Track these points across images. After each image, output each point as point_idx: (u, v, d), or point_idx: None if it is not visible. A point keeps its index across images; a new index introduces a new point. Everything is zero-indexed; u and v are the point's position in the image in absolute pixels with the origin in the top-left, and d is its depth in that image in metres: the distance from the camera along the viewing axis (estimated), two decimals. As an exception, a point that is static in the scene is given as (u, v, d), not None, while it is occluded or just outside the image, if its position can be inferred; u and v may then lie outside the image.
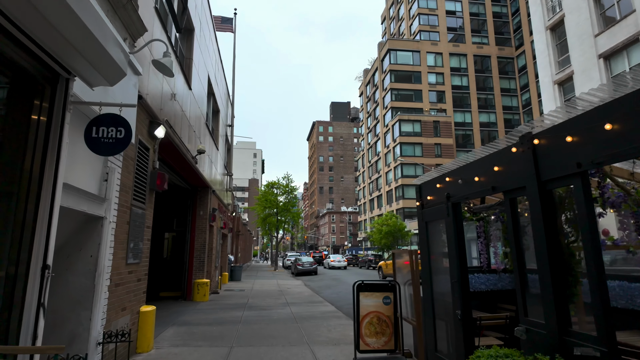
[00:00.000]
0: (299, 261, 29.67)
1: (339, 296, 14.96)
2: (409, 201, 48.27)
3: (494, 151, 4.09)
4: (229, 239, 20.58)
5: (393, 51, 54.95)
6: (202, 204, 13.09)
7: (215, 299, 13.02)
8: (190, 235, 12.86)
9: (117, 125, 3.28)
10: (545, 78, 23.92)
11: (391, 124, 52.45)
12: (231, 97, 19.39)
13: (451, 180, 4.86)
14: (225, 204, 18.59)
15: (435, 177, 5.31)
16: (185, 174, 10.72)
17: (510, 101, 56.22)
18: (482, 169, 4.24)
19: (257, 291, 16.13)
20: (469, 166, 4.52)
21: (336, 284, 20.40)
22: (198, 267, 12.73)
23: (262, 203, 37.21)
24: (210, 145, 12.80)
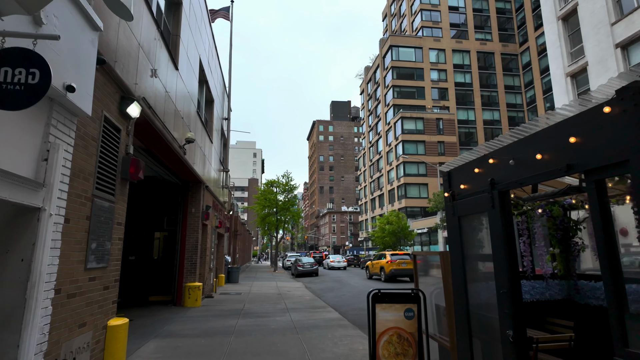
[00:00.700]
0: (300, 262, 28.61)
1: (342, 300, 13.89)
2: (412, 200, 47.24)
3: (569, 115, 2.98)
4: (225, 239, 19.52)
5: (395, 47, 53.89)
6: (194, 201, 12.02)
7: (209, 304, 11.94)
8: (181, 234, 11.79)
9: (28, 65, 2.22)
10: (557, 70, 22.85)
11: (393, 122, 51.39)
12: (227, 89, 18.33)
13: (497, 162, 3.78)
14: (222, 201, 17.52)
15: (472, 160, 4.23)
16: (173, 166, 9.65)
17: (514, 98, 55.18)
18: (549, 142, 3.14)
19: (255, 295, 15.06)
20: (526, 141, 3.43)
21: (339, 287, 19.33)
22: (189, 269, 11.66)
23: (261, 202, 36.15)
24: (202, 137, 11.73)
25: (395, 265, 21.20)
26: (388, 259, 21.77)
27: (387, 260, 21.78)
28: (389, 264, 21.42)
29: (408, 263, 20.82)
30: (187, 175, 10.92)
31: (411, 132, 49.15)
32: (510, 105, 54.74)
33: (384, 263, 22.01)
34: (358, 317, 10.27)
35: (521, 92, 55.18)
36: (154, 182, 12.77)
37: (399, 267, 21.11)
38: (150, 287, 13.06)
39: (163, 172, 10.90)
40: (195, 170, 10.50)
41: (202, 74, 11.78)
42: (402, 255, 22.02)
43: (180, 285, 11.55)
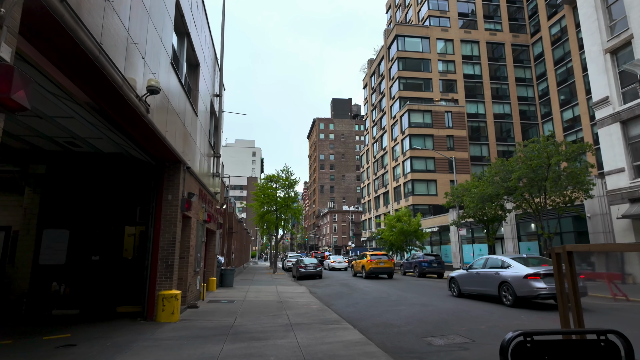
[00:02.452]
0: (301, 263, 25.99)
1: (358, 311, 11.25)
2: (420, 197, 44.60)
3: None
4: (217, 236, 16.91)
5: (401, 37, 51.30)
6: (170, 185, 9.39)
7: (190, 318, 9.30)
8: (154, 228, 9.15)
9: None
10: (593, 47, 20.23)
11: (399, 115, 48.77)
12: (219, 62, 15.71)
13: None
14: (212, 192, 14.89)
15: None
16: (136, 132, 7.00)
17: (525, 91, 52.59)
18: None
19: (251, 303, 12.42)
20: None
21: (348, 292, 16.69)
22: (164, 273, 9.02)
23: (259, 198, 33.51)
24: (181, 101, 9.08)
25: (374, 264, 24.01)
26: (368, 259, 24.58)
27: (367, 260, 24.58)
28: (369, 262, 24.20)
29: (385, 262, 24.30)
30: (159, 149, 8.28)
31: (418, 125, 46.53)
32: (522, 99, 52.14)
33: (365, 262, 24.74)
34: (386, 337, 7.65)
35: (533, 85, 52.57)
36: (121, 161, 10.12)
37: (377, 266, 24.00)
38: (119, 295, 10.43)
39: (127, 144, 8.26)
40: (169, 142, 7.86)
41: (180, 19, 9.15)
42: (380, 255, 24.99)
43: (152, 294, 8.90)
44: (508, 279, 11.46)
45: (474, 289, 13.26)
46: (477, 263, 13.74)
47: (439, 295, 14.77)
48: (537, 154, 17.61)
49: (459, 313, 10.40)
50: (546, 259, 12.86)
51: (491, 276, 12.29)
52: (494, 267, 12.57)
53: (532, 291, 10.76)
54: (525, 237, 25.75)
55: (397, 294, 15.16)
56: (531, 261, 12.00)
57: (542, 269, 11.07)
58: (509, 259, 12.24)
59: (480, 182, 21.85)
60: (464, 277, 13.90)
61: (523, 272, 11.18)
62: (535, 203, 18.96)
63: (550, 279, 10.69)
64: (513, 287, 11.23)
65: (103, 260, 10.55)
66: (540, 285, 10.67)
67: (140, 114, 6.26)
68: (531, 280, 10.87)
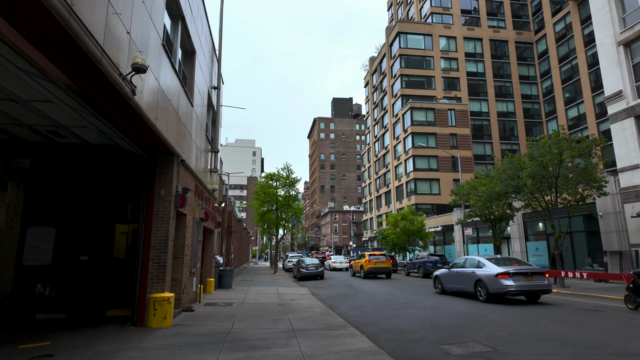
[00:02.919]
0: (303, 263, 25.28)
1: (365, 315, 10.55)
2: (423, 197, 43.87)
3: None
4: (215, 235, 16.20)
5: (403, 34, 50.61)
6: (163, 180, 8.69)
7: (184, 323, 8.60)
8: (145, 226, 8.45)
9: None
10: (606, 39, 19.52)
11: (401, 113, 48.07)
12: (217, 53, 15.01)
13: None
14: (210, 189, 14.19)
15: None
16: (121, 117, 6.30)
17: (529, 89, 51.88)
18: None
19: (250, 306, 11.72)
20: None
21: (352, 293, 15.99)
22: (156, 274, 8.32)
23: (259, 197, 32.80)
24: (174, 86, 8.37)
25: (372, 264, 24.05)
26: (367, 259, 24.57)
27: (365, 260, 24.58)
28: (367, 262, 24.25)
29: (383, 262, 24.28)
30: (149, 140, 7.58)
31: (421, 123, 45.83)
32: (526, 97, 51.44)
33: (363, 262, 24.76)
34: (398, 345, 6.96)
35: (537, 83, 51.86)
36: (110, 154, 9.43)
37: (376, 266, 24.04)
38: (109, 298, 9.74)
39: (115, 134, 7.56)
40: (159, 130, 7.16)
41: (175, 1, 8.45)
42: (378, 256, 25.04)
43: (142, 297, 8.20)
44: (482, 278, 12.52)
45: (454, 287, 14.28)
46: (458, 263, 14.65)
47: (449, 298, 14.06)
48: (549, 150, 16.88)
49: (474, 317, 9.69)
50: (517, 259, 13.49)
51: (468, 275, 13.28)
52: (472, 266, 13.51)
53: (502, 288, 11.80)
54: (532, 237, 25.05)
55: (404, 296, 14.46)
56: (503, 262, 12.91)
57: (512, 269, 12.01)
58: (484, 260, 13.17)
59: (487, 179, 21.12)
60: (446, 276, 14.85)
61: (495, 271, 12.19)
62: (545, 201, 18.26)
63: (518, 277, 11.80)
64: (486, 285, 12.29)
65: (92, 261, 9.85)
66: (509, 283, 11.73)
67: (125, 97, 5.56)
68: (501, 278, 11.91)
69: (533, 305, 11.90)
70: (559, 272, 16.07)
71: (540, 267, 22.54)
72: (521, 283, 11.71)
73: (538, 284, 11.90)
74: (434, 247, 37.31)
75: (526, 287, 11.78)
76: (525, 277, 11.87)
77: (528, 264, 13.26)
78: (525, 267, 12.26)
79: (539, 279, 11.98)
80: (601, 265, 19.95)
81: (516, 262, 12.97)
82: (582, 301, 12.79)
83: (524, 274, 11.90)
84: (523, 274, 11.88)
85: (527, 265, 12.67)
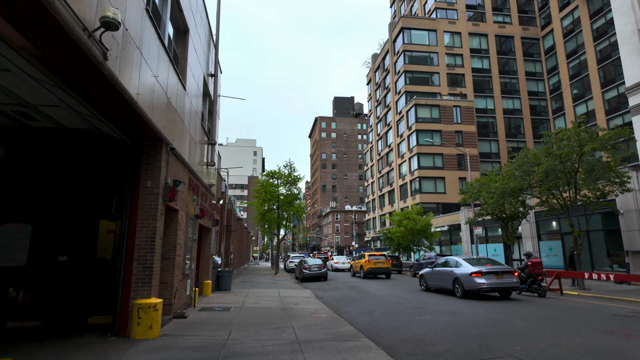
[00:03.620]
0: (305, 264, 24.23)
1: (376, 320, 9.50)
2: (428, 195, 42.77)
3: None
4: (213, 234, 15.16)
5: (407, 30, 49.55)
6: (150, 169, 7.65)
7: (174, 333, 7.55)
8: (129, 222, 7.41)
9: None
10: (626, 27, 18.43)
11: (405, 110, 47.00)
12: (215, 38, 13.99)
13: None
14: (206, 184, 13.16)
15: None
16: (93, 88, 5.25)
17: (536, 86, 50.77)
18: None
19: (249, 311, 10.67)
20: None
21: (360, 296, 14.92)
22: (141, 276, 7.28)
23: (260, 195, 31.73)
24: (161, 61, 7.31)
25: (372, 265, 24.05)
26: (366, 259, 24.54)
27: (365, 260, 24.56)
28: (367, 262, 24.22)
29: (383, 262, 24.33)
30: (132, 121, 6.55)
31: (426, 120, 44.75)
32: (532, 93, 50.32)
33: (363, 262, 24.74)
34: (422, 359, 5.89)
35: (543, 79, 50.75)
36: (92, 141, 8.39)
37: (375, 266, 24.07)
38: (91, 303, 8.70)
39: (91, 115, 6.52)
40: (141, 108, 6.12)
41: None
42: (377, 256, 25.01)
43: (125, 304, 7.16)
44: (459, 276, 13.68)
45: (436, 284, 15.47)
46: (439, 262, 15.89)
47: (465, 302, 12.99)
48: (568, 143, 15.80)
49: (500, 325, 8.63)
50: (492, 259, 14.70)
51: (448, 273, 14.51)
52: (451, 266, 14.75)
53: (475, 285, 13.00)
54: (545, 236, 23.96)
55: (415, 300, 13.39)
56: (478, 262, 14.21)
57: (484, 268, 13.26)
58: (461, 260, 14.46)
59: (500, 176, 20.02)
60: (429, 274, 16.11)
61: (469, 270, 13.43)
62: (563, 198, 17.18)
63: (490, 276, 13.01)
64: (462, 283, 13.47)
65: (72, 261, 8.82)
66: (482, 281, 12.94)
67: (94, 61, 4.52)
68: (474, 277, 13.11)
69: (563, 309, 10.84)
70: (580, 273, 14.98)
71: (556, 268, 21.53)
72: (492, 281, 12.93)
73: (507, 281, 13.12)
74: (439, 247, 36.22)
75: (496, 284, 12.99)
76: (496, 275, 13.09)
77: (500, 264, 14.69)
78: (497, 267, 13.50)
79: (509, 277, 13.22)
80: (622, 265, 18.86)
81: (490, 262, 14.27)
82: (612, 305, 11.71)
83: (495, 272, 13.12)
84: (494, 273, 13.11)
85: (499, 265, 14.04)
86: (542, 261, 15.22)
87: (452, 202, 42.02)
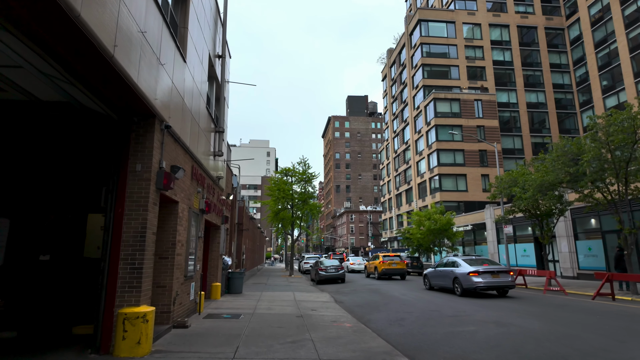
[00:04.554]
0: (321, 265, 22.83)
1: (410, 332, 8.00)
2: (448, 194, 40.83)
3: None
4: (222, 232, 13.87)
5: (424, 22, 47.72)
6: (140, 150, 6.35)
7: (168, 349, 6.22)
8: (115, 213, 6.13)
9: None
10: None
11: (423, 105, 45.16)
12: (222, 16, 12.71)
13: None
14: (213, 177, 11.87)
15: None
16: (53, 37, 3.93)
17: (561, 78, 48.28)
18: None
19: (261, 318, 9.30)
20: None
21: (384, 301, 13.40)
22: (128, 279, 5.98)
23: (273, 193, 30.45)
24: (150, 17, 5.96)
25: (387, 266, 23.63)
26: (380, 260, 24.14)
27: (379, 261, 24.16)
28: (381, 264, 23.82)
29: (398, 263, 23.91)
30: (113, 86, 5.24)
31: (445, 115, 42.83)
32: (557, 86, 47.85)
33: (377, 263, 24.30)
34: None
35: (569, 71, 48.24)
36: (74, 118, 7.13)
37: (390, 267, 23.64)
38: (77, 310, 7.44)
39: (62, 77, 5.22)
40: (123, 68, 4.80)
41: None
42: (392, 257, 24.50)
43: (108, 313, 5.85)
44: (458, 275, 14.42)
45: (438, 283, 16.17)
46: (441, 263, 16.60)
47: (509, 307, 11.37)
48: (620, 128, 13.97)
49: (566, 340, 7.04)
50: (489, 260, 15.20)
51: (448, 273, 15.25)
52: (451, 266, 15.39)
53: (472, 284, 13.66)
54: (583, 235, 21.96)
55: (449, 306, 11.82)
56: (476, 262, 14.80)
57: (481, 268, 13.96)
58: (460, 260, 15.15)
59: (540, 165, 18.16)
60: (432, 274, 16.81)
61: (467, 270, 14.13)
62: (610, 192, 15.35)
63: (486, 275, 13.70)
64: (461, 282, 14.20)
65: (56, 261, 7.60)
66: (478, 280, 13.64)
67: None
68: (472, 276, 13.81)
69: (631, 318, 9.15)
70: (636, 276, 13.12)
71: (596, 269, 19.60)
72: (488, 280, 13.61)
73: (503, 280, 13.84)
74: (462, 248, 34.31)
75: (492, 283, 13.65)
76: (492, 275, 13.81)
77: (497, 263, 15.28)
78: (493, 267, 14.20)
79: (504, 277, 13.99)
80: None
81: (487, 262, 14.81)
82: (686, 314, 9.95)
83: (491, 272, 13.82)
84: (490, 273, 13.81)
85: (495, 265, 14.73)
86: None
87: (475, 200, 40.01)
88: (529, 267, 24.98)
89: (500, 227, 29.57)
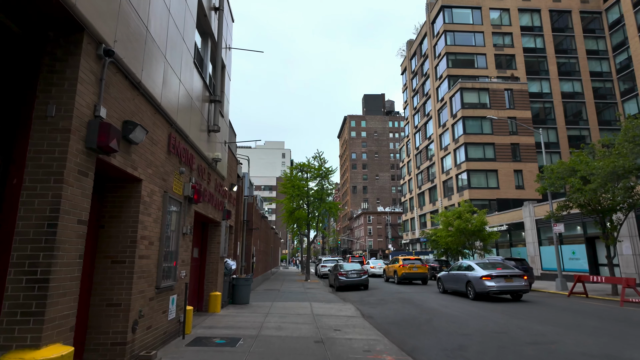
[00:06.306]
0: (341, 269, 20.14)
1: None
2: (478, 191, 37.50)
3: None
4: (223, 230, 11.35)
5: (447, 8, 44.61)
6: (54, 85, 3.82)
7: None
8: (6, 185, 3.57)
9: None
10: None
11: (448, 97, 41.99)
12: (221, -38, 10.20)
13: None
14: (209, 159, 9.35)
15: None
16: None
17: (599, 65, 44.37)
18: None
19: (267, 344, 6.67)
20: None
21: (425, 316, 10.59)
22: (20, 301, 3.41)
23: (288, 190, 27.90)
24: None
25: (407, 270, 22.72)
26: (400, 263, 23.25)
27: (399, 265, 23.26)
28: (401, 267, 22.95)
29: (419, 267, 22.91)
30: None
31: (473, 106, 39.56)
32: (595, 74, 43.95)
33: (397, 267, 23.41)
34: None
35: (608, 57, 44.30)
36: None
37: (410, 271, 22.70)
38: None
39: None
40: None
41: None
42: (412, 260, 23.55)
43: (-16, 360, 3.29)
44: (471, 279, 14.32)
45: (452, 287, 16.09)
46: (454, 266, 16.59)
47: (597, 327, 8.44)
48: None
49: None
50: (502, 263, 15.07)
51: (461, 277, 15.11)
52: (464, 270, 15.26)
53: (485, 288, 13.62)
54: (649, 235, 18.64)
55: (518, 325, 8.95)
56: (490, 266, 14.61)
57: (494, 272, 13.90)
58: (473, 264, 14.99)
59: (611, 150, 15.05)
60: (446, 277, 16.73)
61: (480, 273, 14.07)
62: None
63: (499, 279, 13.67)
64: (474, 285, 14.09)
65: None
66: (491, 284, 13.59)
67: None
68: (484, 280, 13.77)
69: None
70: None
71: None
72: (501, 284, 13.48)
73: (516, 284, 13.65)
74: (496, 250, 31.04)
75: (505, 287, 13.50)
76: (505, 279, 13.66)
77: (510, 267, 14.71)
78: (506, 271, 13.95)
79: (518, 281, 13.76)
80: None
81: (501, 266, 14.59)
82: None
83: (504, 276, 13.70)
84: (503, 277, 13.69)
85: (509, 269, 14.28)
86: None
87: (508, 198, 36.63)
88: (578, 271, 21.70)
89: (542, 227, 26.29)
